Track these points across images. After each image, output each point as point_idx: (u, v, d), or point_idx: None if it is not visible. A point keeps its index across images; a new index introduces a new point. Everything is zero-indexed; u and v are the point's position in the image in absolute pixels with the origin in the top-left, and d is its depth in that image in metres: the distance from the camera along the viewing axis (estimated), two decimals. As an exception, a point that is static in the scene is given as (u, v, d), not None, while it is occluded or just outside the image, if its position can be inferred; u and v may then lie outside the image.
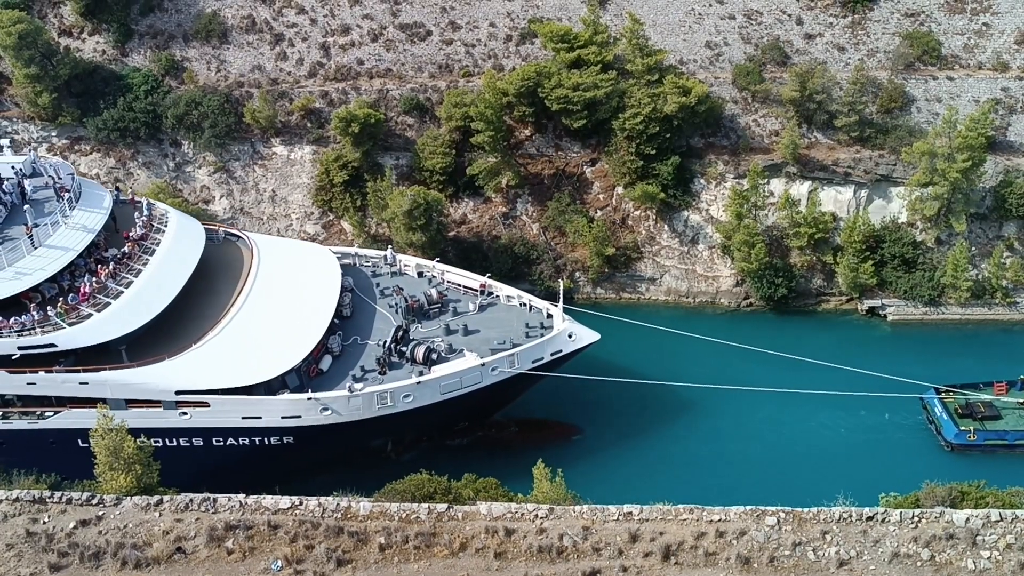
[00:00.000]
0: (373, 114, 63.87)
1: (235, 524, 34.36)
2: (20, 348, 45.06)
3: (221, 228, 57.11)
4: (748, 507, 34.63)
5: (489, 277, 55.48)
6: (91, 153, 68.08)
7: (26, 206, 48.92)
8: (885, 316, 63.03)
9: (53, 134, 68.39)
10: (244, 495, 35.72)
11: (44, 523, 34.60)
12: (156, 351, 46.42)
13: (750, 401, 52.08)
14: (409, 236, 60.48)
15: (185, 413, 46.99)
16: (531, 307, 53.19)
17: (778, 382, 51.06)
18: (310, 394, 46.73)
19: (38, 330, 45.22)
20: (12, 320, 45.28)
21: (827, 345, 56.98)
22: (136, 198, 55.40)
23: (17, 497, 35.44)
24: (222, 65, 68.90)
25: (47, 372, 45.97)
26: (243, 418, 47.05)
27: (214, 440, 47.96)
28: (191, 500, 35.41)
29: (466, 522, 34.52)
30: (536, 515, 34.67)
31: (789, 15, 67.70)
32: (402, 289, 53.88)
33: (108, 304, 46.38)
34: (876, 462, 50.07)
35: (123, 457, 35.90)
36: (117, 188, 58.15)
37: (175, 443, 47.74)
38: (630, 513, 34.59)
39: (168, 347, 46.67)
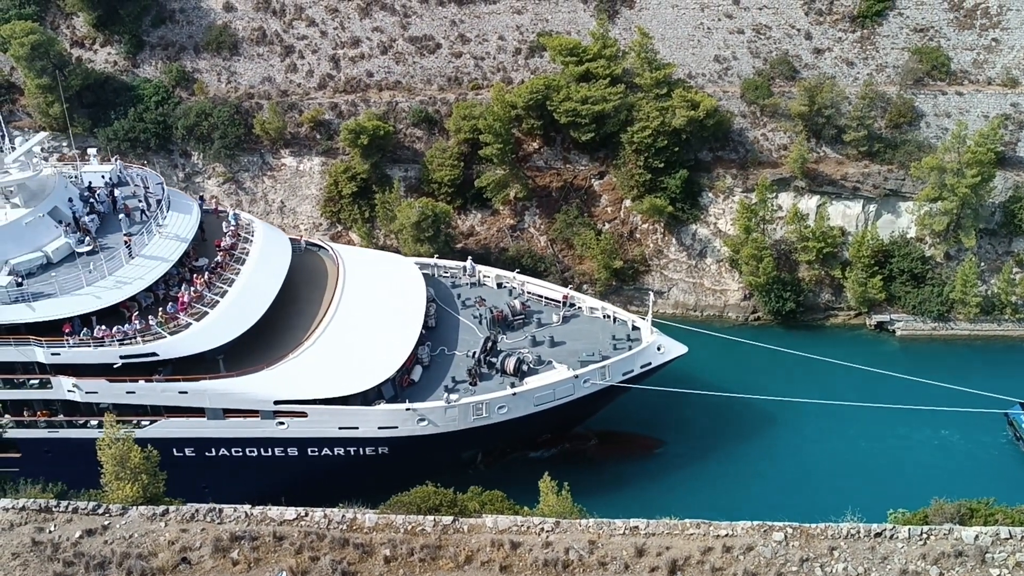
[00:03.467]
0: (382, 126, 64.11)
1: (240, 535, 34.26)
2: (122, 357, 44.92)
3: (303, 238, 56.93)
4: (755, 522, 34.41)
5: (571, 288, 55.27)
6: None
7: (120, 216, 49.00)
8: (894, 331, 62.80)
9: (64, 144, 68.76)
10: (250, 506, 35.67)
11: (50, 532, 34.56)
12: (250, 360, 46.20)
13: (839, 415, 52.25)
14: (417, 248, 60.55)
15: (282, 423, 46.89)
16: (615, 319, 52.93)
17: (848, 396, 51.51)
18: (408, 404, 46.48)
19: (139, 339, 44.95)
20: (115, 329, 45.13)
21: (839, 356, 56.43)
22: (220, 208, 55.34)
23: (23, 506, 35.45)
24: (232, 76, 69.27)
25: (147, 381, 45.78)
26: (340, 428, 46.92)
27: (309, 450, 47.88)
28: (197, 510, 35.31)
29: (472, 535, 34.37)
30: (542, 528, 34.47)
31: (798, 30, 67.77)
32: (484, 300, 53.73)
33: (206, 313, 46.12)
34: (967, 478, 48.63)
35: (129, 467, 35.93)
36: (201, 197, 58.29)
37: (270, 453, 47.86)
38: (636, 527, 34.39)
39: (261, 356, 46.43)
